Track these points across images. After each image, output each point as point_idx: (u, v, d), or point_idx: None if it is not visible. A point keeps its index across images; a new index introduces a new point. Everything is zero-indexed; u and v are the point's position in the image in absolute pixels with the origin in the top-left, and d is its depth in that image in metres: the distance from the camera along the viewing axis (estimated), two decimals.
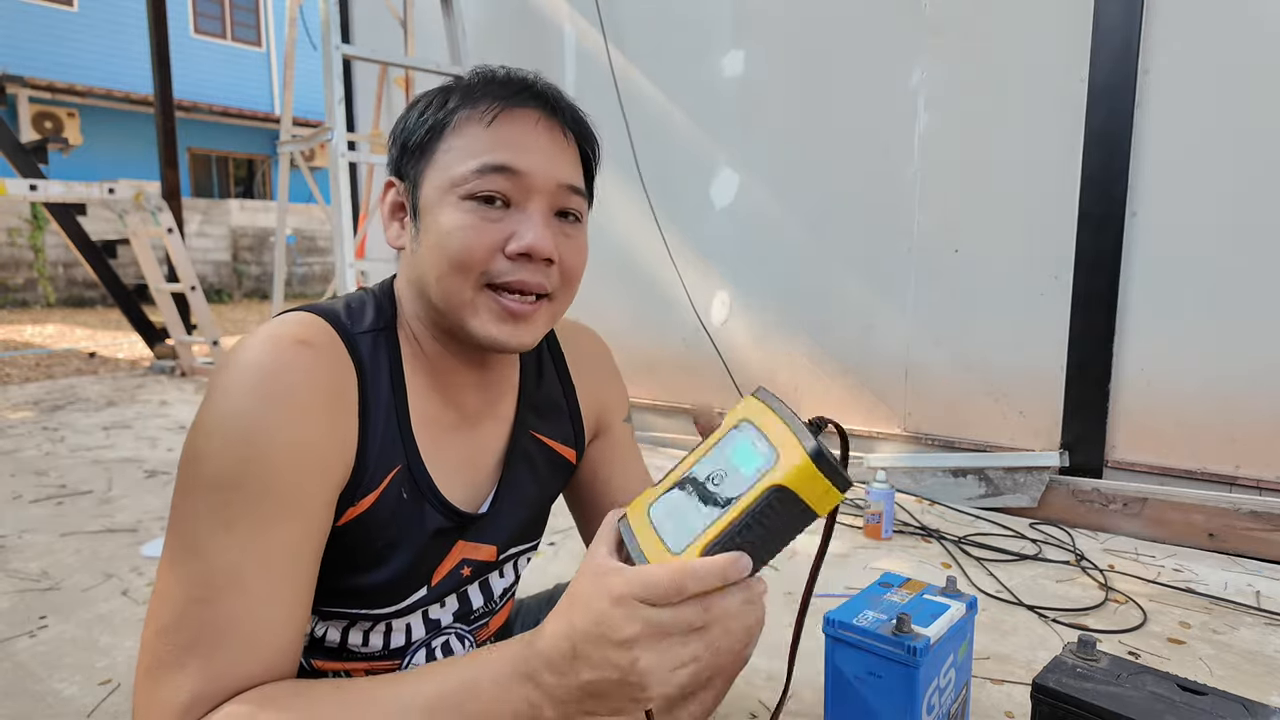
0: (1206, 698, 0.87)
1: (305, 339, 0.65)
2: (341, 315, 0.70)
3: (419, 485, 0.72)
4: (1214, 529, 2.04)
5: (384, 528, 0.70)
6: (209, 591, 0.56)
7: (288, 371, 0.61)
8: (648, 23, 3.20)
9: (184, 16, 12.87)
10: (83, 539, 2.10)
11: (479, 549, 0.79)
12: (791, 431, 0.49)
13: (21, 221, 10.05)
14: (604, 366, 0.93)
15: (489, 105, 0.67)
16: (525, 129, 0.67)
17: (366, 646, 0.76)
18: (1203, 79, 2.06)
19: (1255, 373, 2.05)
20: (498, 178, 0.65)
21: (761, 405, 0.52)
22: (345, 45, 3.19)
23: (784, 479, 0.48)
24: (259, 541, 0.58)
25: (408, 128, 0.71)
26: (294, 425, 0.60)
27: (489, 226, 0.66)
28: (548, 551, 2.04)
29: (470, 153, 0.66)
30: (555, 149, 0.69)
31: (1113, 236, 2.19)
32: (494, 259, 0.66)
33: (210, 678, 0.55)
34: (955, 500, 2.43)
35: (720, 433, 0.54)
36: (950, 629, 1.01)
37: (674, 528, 0.52)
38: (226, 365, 0.62)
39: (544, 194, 0.67)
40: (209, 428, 0.59)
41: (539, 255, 0.66)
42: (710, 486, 0.51)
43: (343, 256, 3.17)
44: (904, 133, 2.56)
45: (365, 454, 0.68)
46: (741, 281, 3.04)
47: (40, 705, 1.31)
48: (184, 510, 0.59)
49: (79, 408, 3.93)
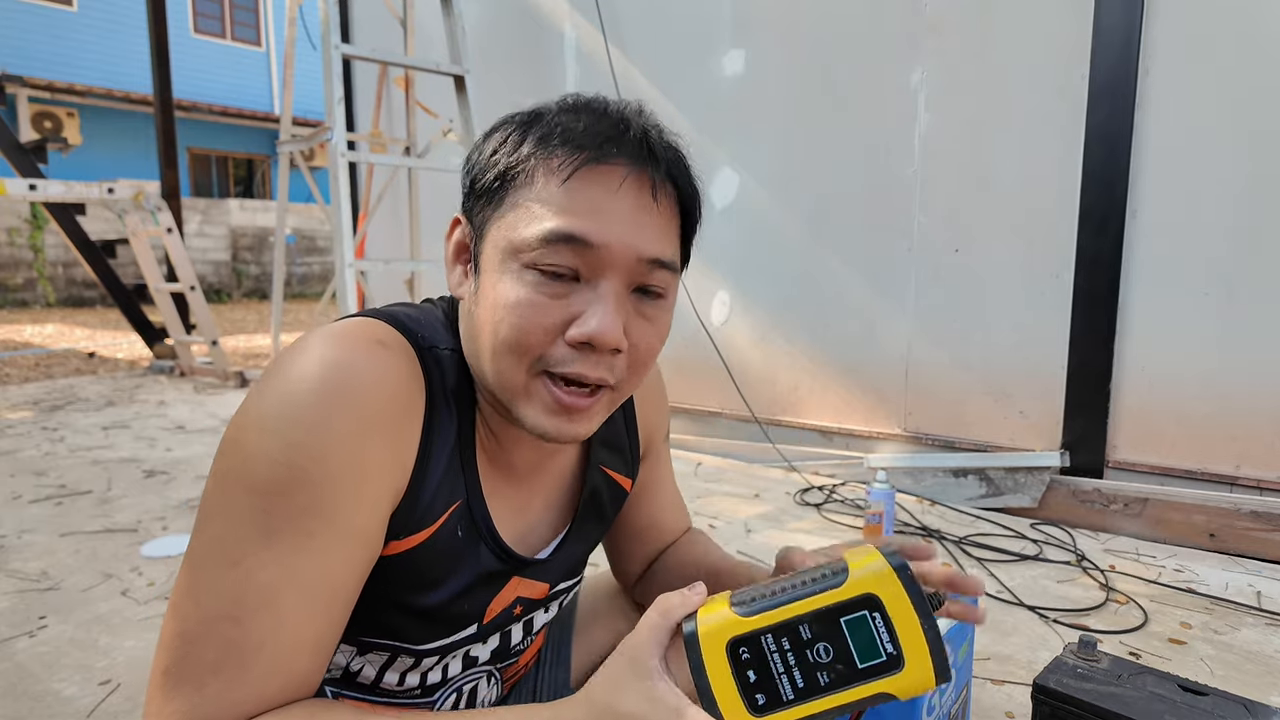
0: (1207, 698, 0.87)
1: (381, 340, 0.58)
2: (411, 326, 0.63)
3: (478, 525, 0.66)
4: (1215, 529, 2.04)
5: (435, 564, 0.64)
6: (240, 610, 0.52)
7: (357, 373, 0.55)
8: (648, 23, 3.20)
9: (184, 16, 12.87)
10: (82, 539, 2.09)
11: (534, 586, 0.75)
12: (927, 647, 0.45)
13: (21, 221, 10.05)
14: (658, 391, 0.88)
15: (567, 157, 0.57)
16: (607, 189, 0.57)
17: (401, 685, 0.72)
18: (1203, 79, 2.06)
19: (1256, 372, 2.05)
20: (566, 250, 0.56)
21: (899, 590, 0.46)
22: (345, 45, 3.19)
23: (899, 691, 0.46)
24: (300, 561, 0.53)
25: (477, 164, 0.62)
26: (355, 436, 0.54)
27: (551, 305, 0.57)
28: None
29: (539, 215, 0.56)
30: (642, 214, 0.58)
31: (1113, 236, 2.19)
32: (553, 344, 0.57)
33: (229, 704, 0.52)
34: (956, 500, 2.43)
35: (844, 593, 0.47)
36: (951, 629, 1.01)
37: (758, 682, 0.47)
38: (291, 355, 0.56)
39: (620, 270, 0.57)
40: (263, 423, 0.53)
41: (604, 346, 0.57)
42: (811, 655, 0.46)
43: (342, 256, 3.17)
44: (904, 133, 2.56)
45: (423, 480, 0.61)
46: (741, 281, 3.04)
47: (40, 705, 1.31)
48: (222, 504, 0.54)
49: (78, 408, 3.93)
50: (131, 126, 11.94)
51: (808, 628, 0.46)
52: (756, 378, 3.01)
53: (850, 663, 0.46)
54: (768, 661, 0.47)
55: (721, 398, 3.10)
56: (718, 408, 3.13)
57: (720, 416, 3.12)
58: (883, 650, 0.46)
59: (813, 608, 0.47)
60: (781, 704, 0.46)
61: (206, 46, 13.36)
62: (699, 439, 3.13)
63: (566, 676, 0.96)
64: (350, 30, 4.49)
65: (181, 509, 2.36)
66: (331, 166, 3.21)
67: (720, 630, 0.47)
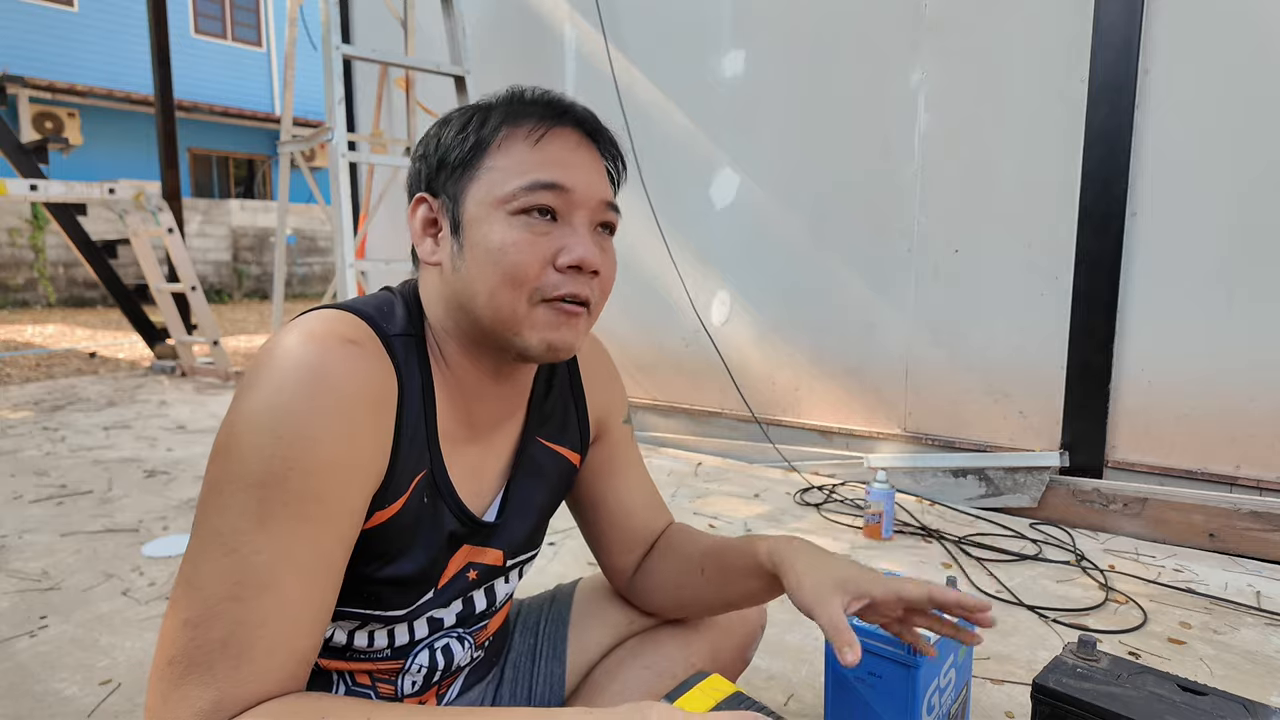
0: (1207, 698, 0.87)
1: (352, 338, 0.64)
2: (375, 317, 0.70)
3: (440, 490, 0.73)
4: (1214, 529, 2.04)
5: (405, 532, 0.70)
6: (242, 590, 0.56)
7: (336, 370, 0.61)
8: (648, 23, 3.20)
9: (184, 16, 12.88)
10: (83, 539, 2.10)
11: (485, 553, 0.80)
12: None
13: (22, 221, 10.05)
14: (607, 369, 0.94)
15: (535, 125, 0.70)
16: (569, 148, 0.70)
17: (372, 646, 0.77)
18: (1203, 79, 2.06)
19: (1256, 372, 2.05)
20: (547, 194, 0.68)
21: None
22: (345, 45, 3.19)
23: None
24: (296, 543, 0.58)
25: (445, 144, 0.71)
26: (340, 426, 0.60)
27: (540, 240, 0.68)
28: (548, 551, 2.04)
29: (518, 170, 0.68)
30: (595, 168, 0.72)
31: (1113, 236, 2.19)
32: (545, 272, 0.68)
33: (237, 682, 0.54)
34: (955, 500, 2.43)
35: None
36: None
37: None
38: (270, 358, 0.61)
39: (588, 209, 0.70)
40: (253, 421, 0.58)
41: (588, 268, 0.69)
42: None
43: (343, 257, 3.17)
44: (904, 133, 2.56)
45: (397, 459, 0.68)
46: (741, 282, 3.04)
47: (40, 705, 1.31)
48: (218, 503, 0.58)
49: (79, 408, 3.93)
50: (132, 127, 11.95)
51: None
52: (756, 378, 3.01)
53: None
54: None
55: (721, 398, 3.11)
56: (718, 408, 3.13)
57: (720, 416, 3.12)
58: None
59: None
60: None
61: (207, 47, 13.37)
62: (699, 439, 3.13)
63: (562, 671, 0.97)
64: (351, 31, 4.49)
65: (182, 509, 2.36)
66: (332, 167, 3.21)
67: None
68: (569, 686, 0.96)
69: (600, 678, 0.92)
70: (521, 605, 1.07)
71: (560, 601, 1.03)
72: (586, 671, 0.96)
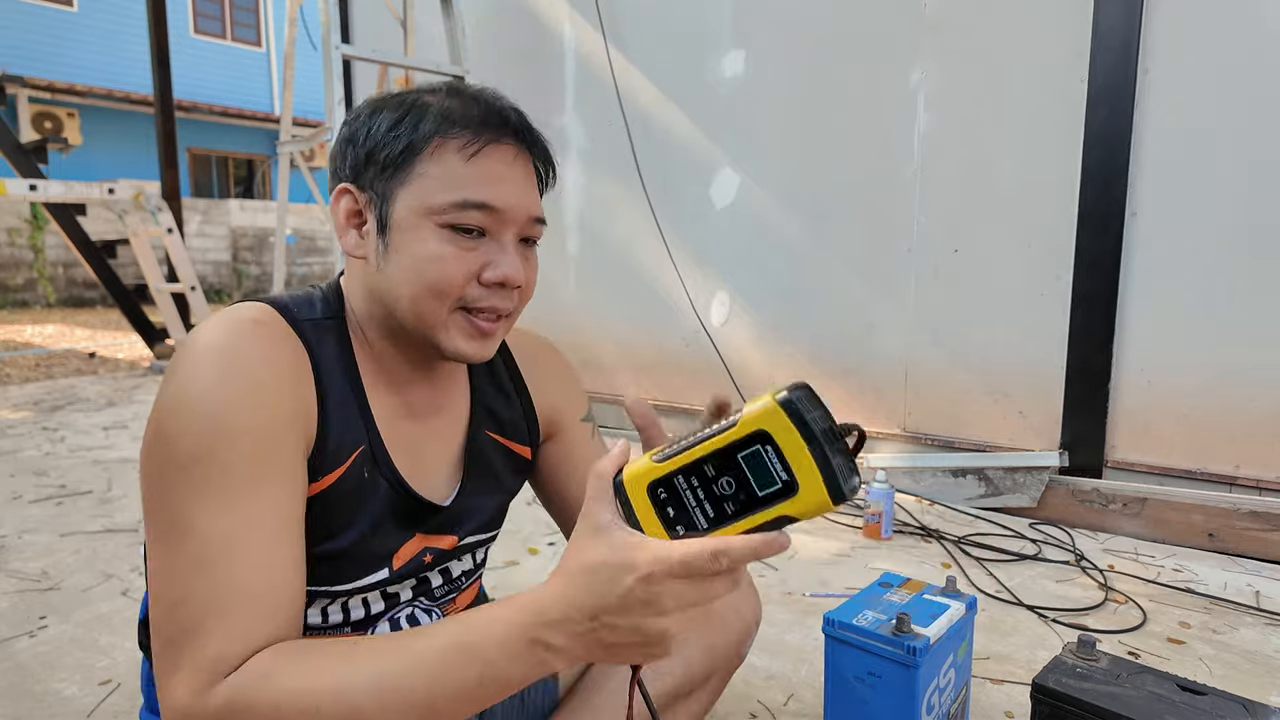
0: (1206, 698, 0.88)
1: (257, 319, 0.68)
2: (288, 304, 0.73)
3: (379, 465, 0.75)
4: (1214, 529, 2.04)
5: (344, 504, 0.72)
6: (209, 561, 0.58)
7: (244, 346, 0.65)
8: (648, 23, 3.20)
9: (184, 17, 12.87)
10: (82, 539, 2.10)
11: (440, 539, 0.82)
12: (818, 471, 0.50)
13: (21, 221, 10.05)
14: (554, 368, 0.95)
15: (470, 139, 0.69)
16: (504, 164, 0.71)
17: (327, 622, 0.78)
18: (1203, 79, 2.06)
19: (1255, 372, 2.05)
20: (476, 213, 0.69)
21: (786, 423, 0.52)
22: (345, 45, 3.19)
23: (799, 513, 0.50)
24: (245, 507, 0.60)
25: (375, 139, 0.71)
26: (257, 392, 0.63)
27: (466, 255, 0.69)
28: (547, 552, 2.04)
29: (449, 184, 0.69)
30: (527, 183, 0.73)
31: (1113, 236, 2.19)
32: (469, 285, 0.70)
33: (231, 638, 0.57)
34: (955, 500, 2.43)
35: (737, 433, 0.53)
36: (950, 629, 1.01)
37: (676, 516, 0.54)
38: (184, 350, 0.65)
39: (516, 226, 0.72)
40: (176, 408, 0.61)
41: (512, 284, 0.71)
42: (717, 489, 0.53)
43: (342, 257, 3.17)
44: (904, 133, 2.56)
45: (326, 426, 0.70)
46: (741, 282, 3.04)
47: (40, 705, 1.31)
48: (162, 492, 0.60)
49: (79, 408, 3.93)
50: (132, 127, 11.94)
51: (711, 466, 0.53)
52: (756, 378, 3.01)
53: (751, 492, 0.52)
54: (682, 498, 0.54)
55: None
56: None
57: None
58: (778, 479, 0.51)
59: (712, 448, 0.53)
60: (699, 532, 0.53)
61: (206, 47, 13.36)
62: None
63: None
64: (350, 31, 4.49)
65: None
66: None
67: (640, 476, 0.55)
68: (563, 684, 0.96)
69: (596, 674, 0.92)
70: None
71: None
72: (582, 669, 0.96)
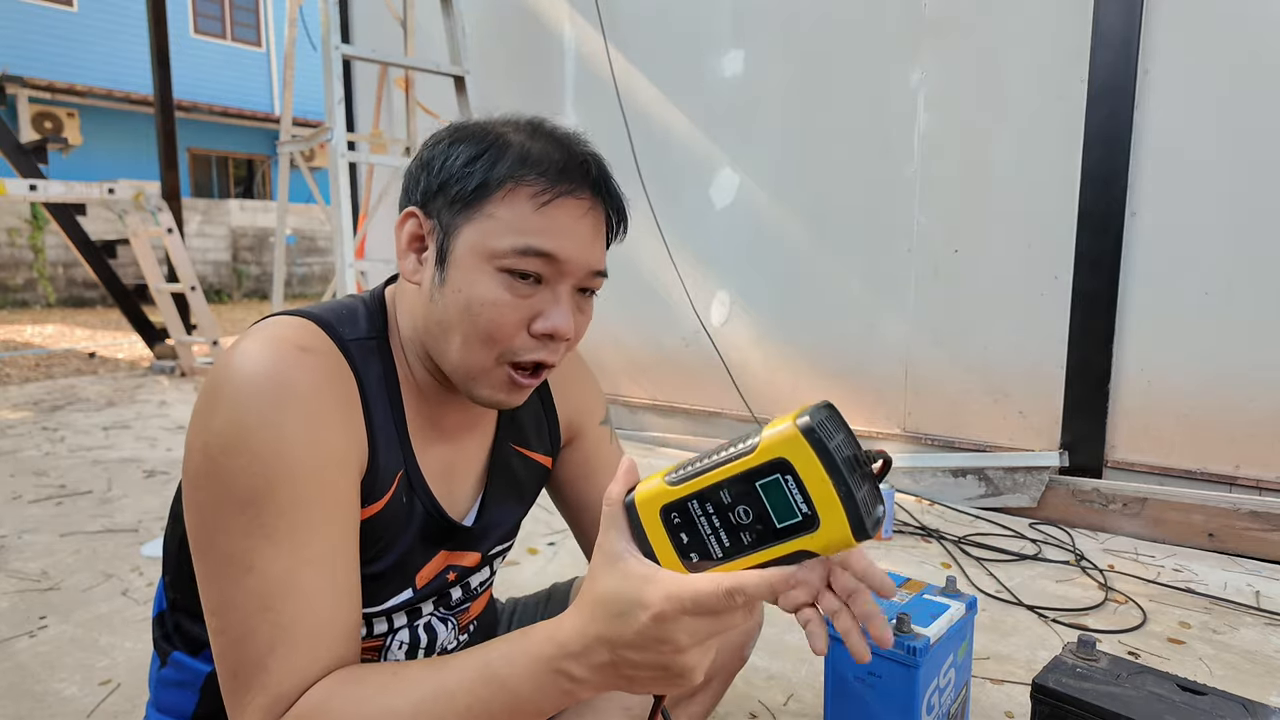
0: (1206, 698, 0.88)
1: (306, 345, 0.66)
2: (332, 321, 0.71)
3: (415, 490, 0.74)
4: (1214, 529, 2.04)
5: (386, 529, 0.72)
6: (271, 600, 0.59)
7: (297, 379, 0.63)
8: (648, 23, 3.20)
9: (184, 17, 12.87)
10: (82, 539, 2.10)
11: (464, 556, 0.82)
12: (841, 506, 0.47)
13: (21, 221, 10.05)
14: (575, 372, 0.94)
15: (544, 188, 0.67)
16: (574, 217, 0.68)
17: None
18: (1203, 79, 2.06)
19: (1255, 373, 2.05)
20: (536, 260, 0.67)
21: (808, 453, 0.47)
22: (345, 45, 3.19)
23: (820, 548, 0.48)
24: (304, 546, 0.61)
25: (450, 171, 0.69)
26: (314, 430, 0.62)
27: (519, 303, 0.67)
28: (547, 552, 2.04)
29: (515, 229, 0.66)
30: (594, 236, 0.71)
31: (1113, 236, 2.19)
32: (519, 335, 0.68)
33: (293, 672, 0.59)
34: (955, 500, 2.43)
35: (755, 459, 0.49)
36: (950, 629, 1.01)
37: (690, 543, 0.51)
38: (229, 374, 0.62)
39: (574, 278, 0.69)
40: (230, 445, 0.60)
41: (561, 338, 0.69)
42: (733, 518, 0.50)
43: (343, 257, 3.17)
44: (904, 133, 2.56)
45: (376, 454, 0.70)
46: (741, 282, 3.04)
47: (40, 705, 1.31)
48: (218, 529, 0.60)
49: (79, 408, 3.93)
50: (132, 127, 11.94)
51: (727, 493, 0.50)
52: (756, 378, 3.01)
53: (769, 523, 0.49)
54: (696, 525, 0.51)
55: (721, 398, 3.10)
56: (718, 408, 3.13)
57: (720, 416, 3.12)
58: (798, 511, 0.48)
59: (730, 474, 0.49)
60: (712, 561, 0.50)
61: (207, 47, 13.36)
62: (699, 439, 3.13)
63: None
64: (350, 31, 4.49)
65: None
66: (332, 167, 3.21)
67: (653, 499, 0.52)
68: None
69: None
70: (518, 604, 1.07)
71: (556, 600, 1.04)
72: None
